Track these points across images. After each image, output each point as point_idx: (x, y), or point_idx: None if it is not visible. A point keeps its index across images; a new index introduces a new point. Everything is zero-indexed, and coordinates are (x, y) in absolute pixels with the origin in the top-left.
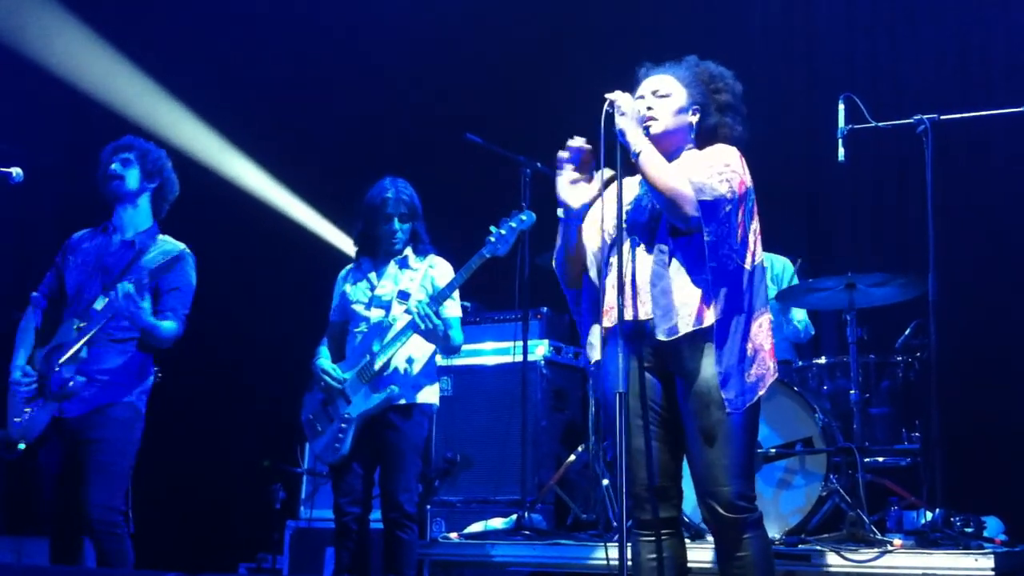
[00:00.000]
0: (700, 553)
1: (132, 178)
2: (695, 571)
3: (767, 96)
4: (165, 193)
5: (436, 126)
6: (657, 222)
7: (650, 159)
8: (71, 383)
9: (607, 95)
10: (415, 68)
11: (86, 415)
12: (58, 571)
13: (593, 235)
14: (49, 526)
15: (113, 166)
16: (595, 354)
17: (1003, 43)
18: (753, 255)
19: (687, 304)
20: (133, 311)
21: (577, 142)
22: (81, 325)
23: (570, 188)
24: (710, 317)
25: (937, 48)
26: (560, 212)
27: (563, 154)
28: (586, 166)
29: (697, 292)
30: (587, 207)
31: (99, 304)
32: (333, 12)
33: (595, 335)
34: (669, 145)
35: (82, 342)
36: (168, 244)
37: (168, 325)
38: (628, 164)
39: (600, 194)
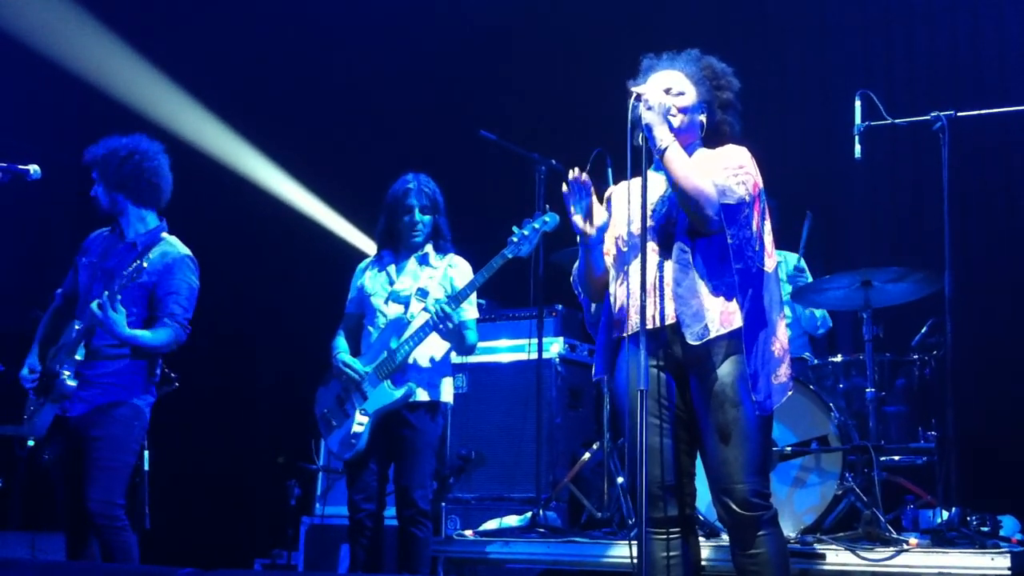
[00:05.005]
0: (714, 551)
1: (101, 195)
2: (709, 569)
3: (783, 93)
4: (143, 189)
5: (450, 123)
6: (673, 226)
7: (676, 156)
8: (65, 383)
9: (633, 88)
10: (429, 65)
11: (88, 414)
12: (72, 566)
13: (609, 244)
14: (63, 522)
15: (92, 191)
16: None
17: (1019, 39)
18: (771, 257)
19: (713, 307)
20: (108, 325)
21: (575, 174)
22: (79, 327)
23: (582, 216)
24: (737, 320)
25: (953, 44)
26: (579, 239)
27: (566, 188)
28: (590, 192)
29: (720, 294)
30: (604, 229)
31: (94, 305)
32: (348, 9)
33: (608, 347)
34: (682, 143)
35: (79, 343)
36: (170, 247)
37: (156, 334)
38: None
39: (610, 214)
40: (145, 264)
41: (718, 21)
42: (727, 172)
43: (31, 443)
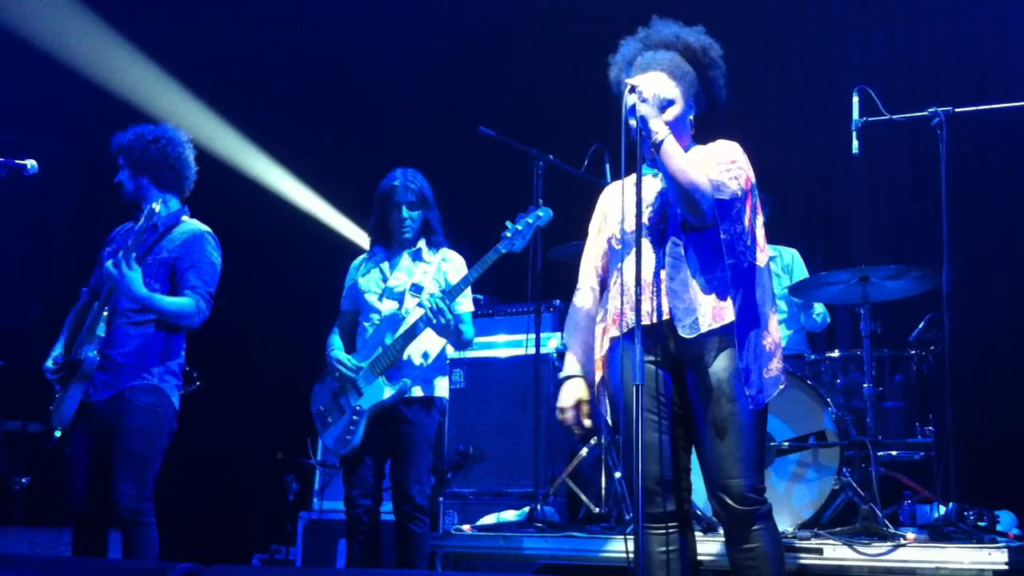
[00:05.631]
0: (711, 546)
1: (126, 180)
2: (706, 564)
3: (783, 91)
4: (167, 173)
5: (449, 119)
6: (666, 222)
7: (672, 149)
8: (88, 358)
9: (628, 80)
10: (429, 63)
11: (110, 399)
12: (76, 562)
13: (602, 243)
14: (72, 516)
15: (117, 177)
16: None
17: (1018, 36)
18: (763, 252)
19: (706, 302)
20: (123, 283)
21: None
22: (98, 304)
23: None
24: (729, 315)
25: (954, 43)
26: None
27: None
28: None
29: (713, 290)
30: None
31: (109, 264)
32: (348, 8)
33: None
34: None
35: (99, 320)
36: (190, 225)
37: (179, 300)
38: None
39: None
40: (165, 243)
41: (718, 21)
42: (720, 167)
43: (58, 434)
